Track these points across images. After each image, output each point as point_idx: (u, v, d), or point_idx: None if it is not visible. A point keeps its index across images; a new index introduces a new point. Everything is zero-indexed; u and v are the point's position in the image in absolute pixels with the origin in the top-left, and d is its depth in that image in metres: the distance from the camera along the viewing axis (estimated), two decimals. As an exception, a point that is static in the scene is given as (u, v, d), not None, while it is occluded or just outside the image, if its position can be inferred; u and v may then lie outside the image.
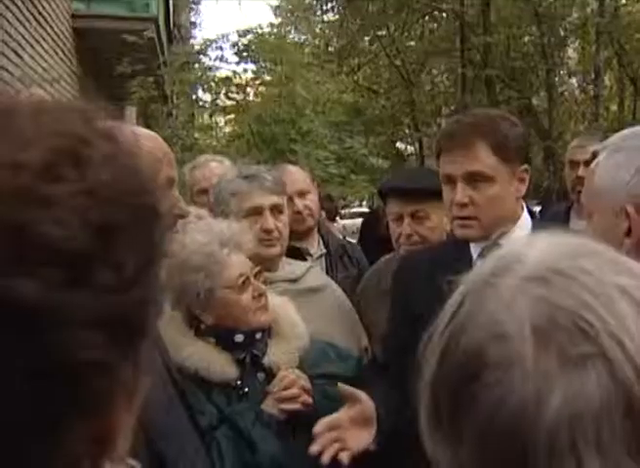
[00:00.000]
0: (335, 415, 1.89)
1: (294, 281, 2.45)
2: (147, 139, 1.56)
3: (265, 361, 1.99)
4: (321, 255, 3.13)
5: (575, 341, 0.59)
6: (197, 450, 1.61)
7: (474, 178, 1.91)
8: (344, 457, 1.85)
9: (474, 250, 2.01)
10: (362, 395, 1.93)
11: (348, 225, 12.44)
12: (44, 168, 0.50)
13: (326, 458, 1.83)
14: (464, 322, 0.65)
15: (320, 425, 1.85)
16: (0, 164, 0.49)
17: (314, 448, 1.83)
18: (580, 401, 0.58)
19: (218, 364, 1.92)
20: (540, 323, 0.61)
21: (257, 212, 2.37)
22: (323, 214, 4.89)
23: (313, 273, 2.56)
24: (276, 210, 2.40)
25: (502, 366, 0.60)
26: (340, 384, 1.92)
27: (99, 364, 0.50)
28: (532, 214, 2.07)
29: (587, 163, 3.69)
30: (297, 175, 3.02)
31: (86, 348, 0.49)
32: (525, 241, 0.70)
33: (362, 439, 1.90)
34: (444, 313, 0.68)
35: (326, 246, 3.18)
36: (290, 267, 2.50)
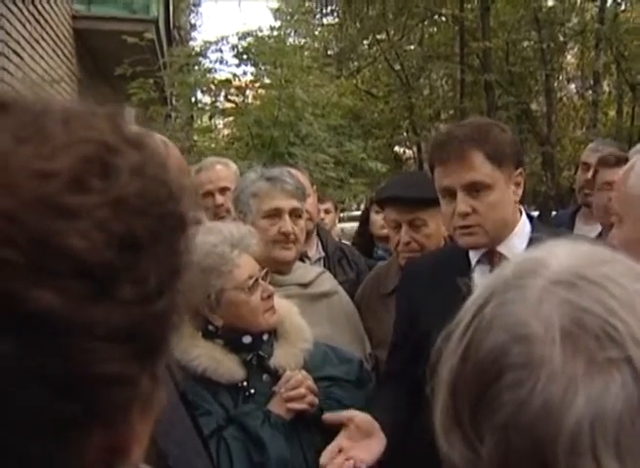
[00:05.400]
0: (333, 443, 1.90)
1: (305, 285, 2.48)
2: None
3: (271, 362, 2.01)
4: (319, 259, 3.14)
5: (603, 346, 0.61)
6: (199, 453, 1.63)
7: (474, 188, 1.93)
8: (364, 466, 1.88)
9: (473, 256, 2.03)
10: (350, 413, 1.96)
11: (347, 229, 12.44)
12: (71, 177, 0.49)
13: None
14: (488, 322, 0.65)
15: (324, 457, 1.87)
16: (28, 172, 0.49)
17: None
18: (603, 403, 0.59)
19: (226, 365, 1.94)
20: (568, 326, 0.62)
21: (276, 214, 2.40)
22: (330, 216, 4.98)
23: (324, 278, 2.59)
24: (295, 214, 2.43)
25: (528, 366, 0.61)
26: (323, 415, 1.95)
27: (117, 376, 0.50)
28: (531, 218, 2.10)
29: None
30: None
31: (104, 361, 0.49)
32: (544, 247, 0.71)
33: (372, 449, 1.92)
34: (462, 315, 0.69)
35: (324, 249, 3.20)
36: (301, 271, 2.53)
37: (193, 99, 9.39)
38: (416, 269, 2.23)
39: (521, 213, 2.06)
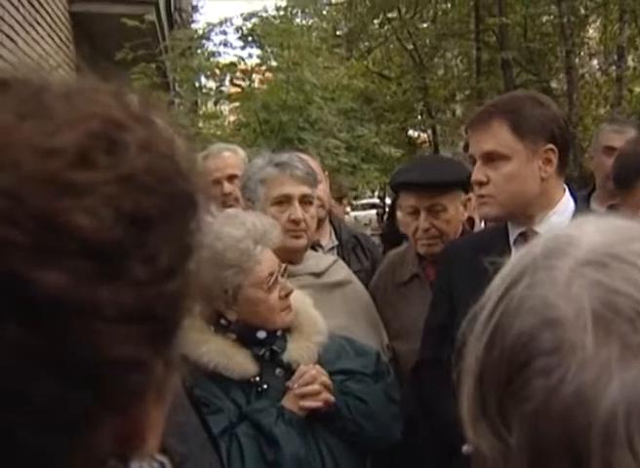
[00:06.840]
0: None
1: (318, 275, 2.48)
2: None
3: (284, 357, 2.01)
4: (333, 248, 3.14)
5: (637, 329, 0.59)
6: (205, 449, 1.63)
7: (490, 157, 1.99)
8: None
9: (511, 236, 2.06)
10: None
11: (360, 217, 12.44)
12: (76, 154, 0.49)
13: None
14: (516, 306, 0.64)
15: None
16: (31, 149, 0.48)
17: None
18: (638, 390, 0.58)
19: (237, 360, 1.95)
20: (599, 309, 0.60)
21: (286, 200, 2.39)
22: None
23: (337, 267, 2.59)
24: (305, 200, 2.42)
25: (558, 352, 0.60)
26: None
27: (129, 360, 0.49)
28: (575, 199, 2.11)
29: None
30: None
31: (115, 344, 0.48)
32: (574, 224, 0.70)
33: None
34: (488, 297, 0.68)
35: (338, 237, 3.19)
36: (314, 260, 2.52)
37: (197, 85, 9.37)
38: (454, 252, 2.26)
39: (564, 191, 2.08)
